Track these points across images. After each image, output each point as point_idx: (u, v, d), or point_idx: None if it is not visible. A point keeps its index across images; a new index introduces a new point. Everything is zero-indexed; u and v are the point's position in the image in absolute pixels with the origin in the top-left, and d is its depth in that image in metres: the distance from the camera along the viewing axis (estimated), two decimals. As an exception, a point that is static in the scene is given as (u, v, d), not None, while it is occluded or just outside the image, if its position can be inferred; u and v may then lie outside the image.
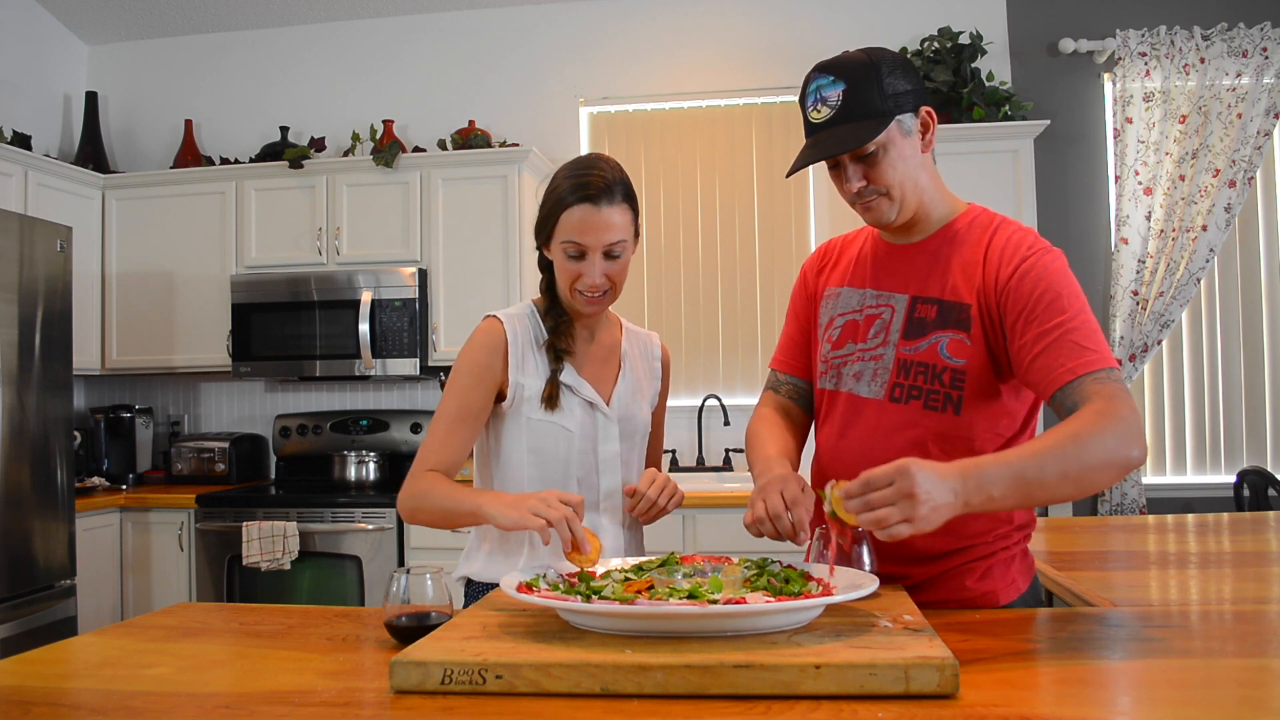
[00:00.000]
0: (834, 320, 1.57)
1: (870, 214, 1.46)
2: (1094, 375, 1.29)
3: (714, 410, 4.02)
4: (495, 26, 4.29)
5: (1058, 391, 1.31)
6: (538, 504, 1.39)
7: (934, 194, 1.48)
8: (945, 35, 3.83)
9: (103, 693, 1.12)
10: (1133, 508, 3.70)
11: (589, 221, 1.55)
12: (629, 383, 1.73)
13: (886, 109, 1.38)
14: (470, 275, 3.87)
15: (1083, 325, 1.33)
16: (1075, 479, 1.22)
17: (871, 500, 1.14)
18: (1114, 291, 3.76)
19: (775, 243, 4.11)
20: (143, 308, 4.10)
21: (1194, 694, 1.04)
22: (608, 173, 1.57)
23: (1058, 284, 1.36)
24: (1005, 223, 1.46)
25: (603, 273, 1.58)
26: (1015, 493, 1.20)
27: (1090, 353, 1.30)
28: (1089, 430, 1.23)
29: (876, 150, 1.39)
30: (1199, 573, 1.99)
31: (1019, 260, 1.39)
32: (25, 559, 3.13)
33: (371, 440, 4.13)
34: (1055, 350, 1.32)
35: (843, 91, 1.38)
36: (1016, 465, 1.20)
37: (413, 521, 1.61)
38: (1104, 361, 1.30)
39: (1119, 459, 1.23)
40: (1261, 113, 3.65)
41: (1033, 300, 1.35)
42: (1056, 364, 1.31)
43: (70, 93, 4.45)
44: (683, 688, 1.00)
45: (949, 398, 1.42)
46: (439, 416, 1.61)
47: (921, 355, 1.44)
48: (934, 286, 1.46)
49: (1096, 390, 1.27)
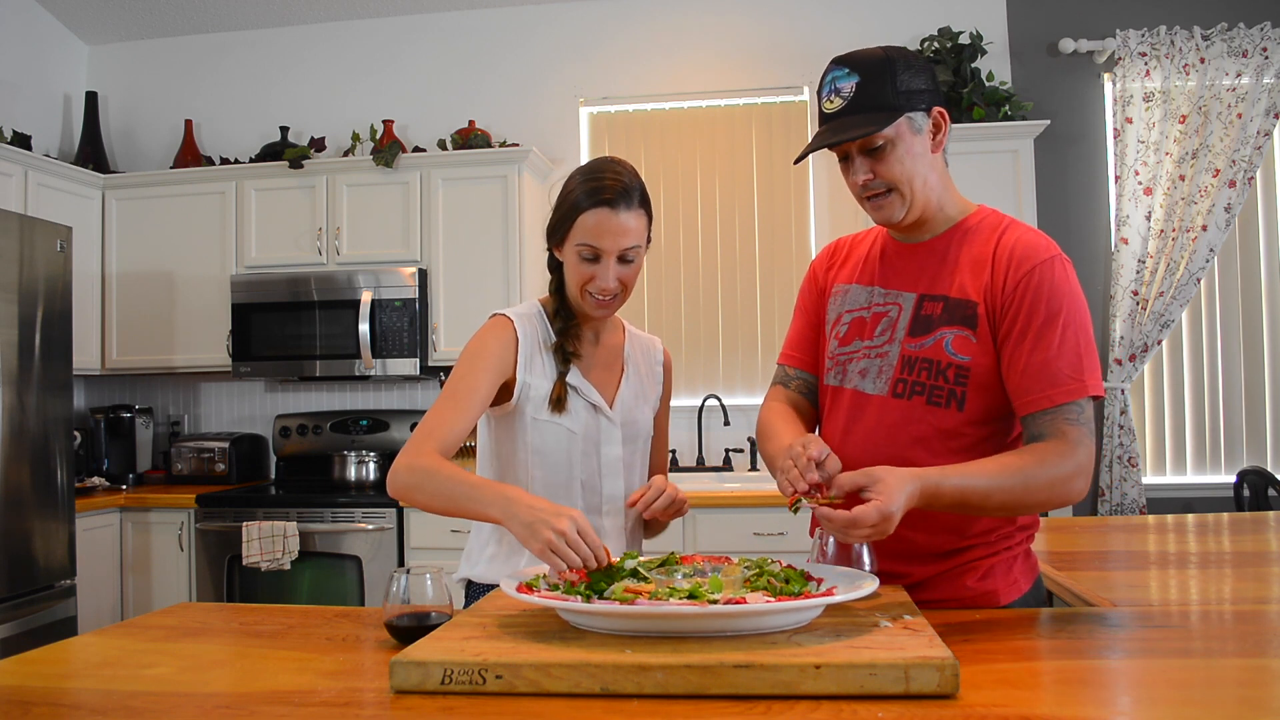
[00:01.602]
0: (841, 317, 1.57)
1: (880, 212, 1.47)
2: (1066, 411, 1.35)
3: (714, 410, 4.02)
4: (495, 26, 4.29)
5: (1027, 416, 1.38)
6: (556, 541, 1.28)
7: (944, 194, 1.49)
8: (945, 35, 3.83)
9: (103, 693, 1.11)
10: (1133, 508, 3.70)
11: (605, 226, 1.54)
12: (632, 386, 1.72)
13: (898, 104, 1.39)
14: (470, 275, 3.87)
15: (1073, 349, 1.36)
16: (1012, 509, 1.38)
17: (851, 535, 1.25)
18: (1114, 291, 3.76)
19: (775, 243, 4.11)
20: (143, 308, 4.10)
21: (1194, 694, 1.04)
22: (625, 177, 1.57)
23: (1060, 299, 1.38)
24: (1014, 224, 1.48)
25: (616, 276, 1.57)
26: (955, 510, 1.34)
27: (1071, 382, 1.35)
28: (1042, 473, 1.33)
29: (884, 144, 1.40)
30: (1199, 573, 1.99)
31: (1029, 267, 1.39)
32: (25, 559, 3.13)
33: (371, 440, 4.13)
34: (1040, 373, 1.36)
35: (856, 84, 1.40)
36: (969, 492, 1.31)
37: (405, 499, 1.49)
38: (1083, 391, 1.36)
39: (1058, 500, 1.35)
40: (1261, 113, 3.65)
41: (1033, 313, 1.37)
42: (1036, 387, 1.37)
43: (70, 93, 4.45)
44: (683, 688, 1.00)
45: (953, 394, 1.42)
46: (445, 394, 1.56)
47: (927, 351, 1.44)
48: (941, 284, 1.46)
49: (1063, 431, 1.35)
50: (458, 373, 1.58)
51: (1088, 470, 1.35)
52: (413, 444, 1.50)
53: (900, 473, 1.26)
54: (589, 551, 1.27)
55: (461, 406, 1.54)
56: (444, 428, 1.51)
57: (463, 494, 1.43)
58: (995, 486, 1.31)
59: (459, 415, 1.53)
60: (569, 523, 1.29)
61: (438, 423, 1.52)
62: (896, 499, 1.22)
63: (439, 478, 1.45)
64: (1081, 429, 1.35)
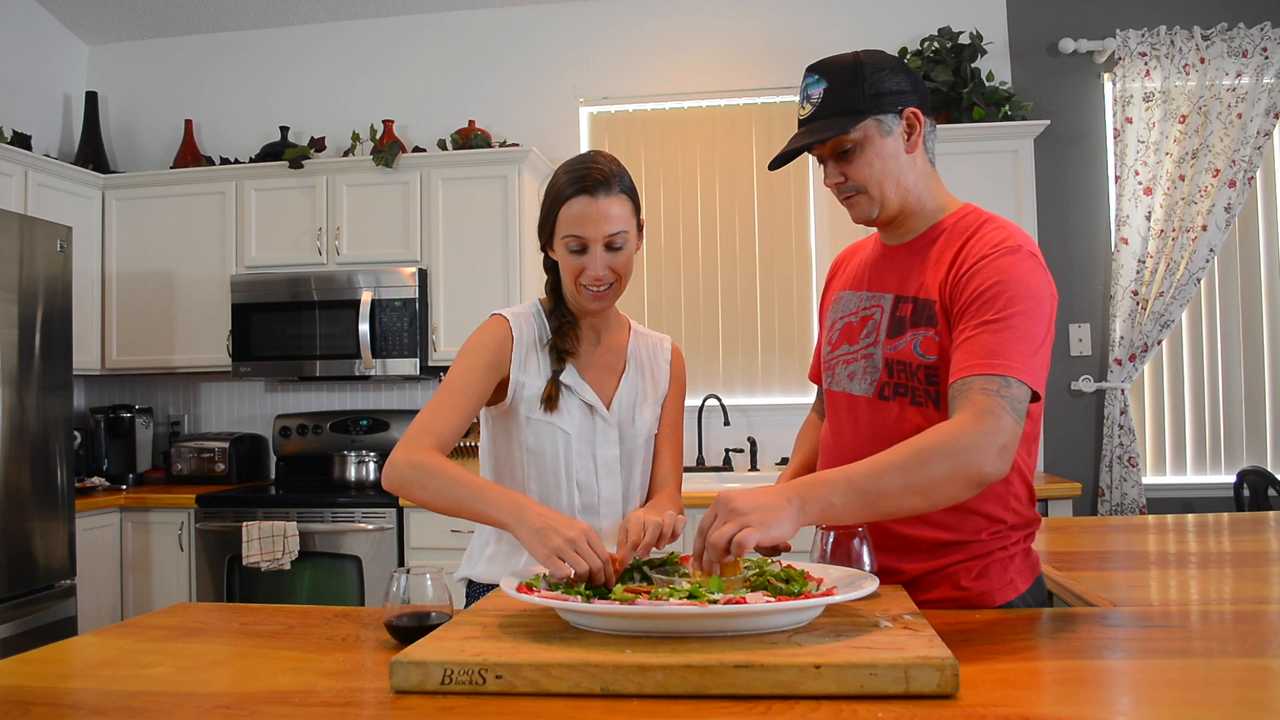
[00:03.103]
0: (834, 323, 1.60)
1: (853, 210, 1.50)
2: (986, 380, 1.26)
3: (714, 410, 4.02)
4: (495, 26, 4.29)
5: (950, 386, 1.31)
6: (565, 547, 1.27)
7: (923, 194, 1.48)
8: (945, 35, 3.83)
9: (103, 693, 1.11)
10: (1133, 508, 3.70)
11: (588, 213, 1.55)
12: (631, 386, 1.71)
13: (863, 107, 1.41)
14: (470, 275, 3.87)
15: (1010, 329, 1.29)
16: (920, 491, 1.23)
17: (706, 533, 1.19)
18: (1114, 291, 3.76)
19: (775, 243, 4.11)
20: (143, 308, 4.11)
21: (1194, 694, 1.04)
22: (604, 165, 1.58)
23: (1006, 283, 1.32)
24: (990, 221, 1.44)
25: (606, 265, 1.57)
26: (855, 501, 1.22)
27: (998, 358, 1.27)
28: (938, 443, 1.23)
29: (853, 147, 1.43)
30: (1199, 573, 1.99)
31: (979, 256, 1.38)
32: (25, 559, 3.13)
33: (371, 440, 4.13)
34: (968, 346, 1.31)
35: (824, 90, 1.43)
36: (855, 476, 1.23)
37: (402, 493, 1.47)
38: (1007, 369, 1.26)
39: (966, 474, 1.23)
40: (1261, 113, 3.65)
41: (975, 295, 1.35)
42: (962, 360, 1.31)
43: (70, 93, 4.45)
44: (683, 688, 1.00)
45: (928, 394, 1.43)
46: (441, 390, 1.56)
47: (900, 354, 1.45)
48: (912, 285, 1.47)
49: (977, 401, 1.25)
50: (454, 370, 1.58)
51: (999, 443, 1.23)
52: (410, 438, 1.50)
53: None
54: (597, 561, 1.26)
55: (457, 403, 1.54)
56: (440, 423, 1.51)
57: (468, 495, 1.43)
58: (885, 465, 1.23)
59: (454, 411, 1.53)
60: (580, 533, 1.29)
61: (434, 418, 1.52)
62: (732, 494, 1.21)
63: (442, 477, 1.45)
64: (999, 400, 1.24)
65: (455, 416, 1.53)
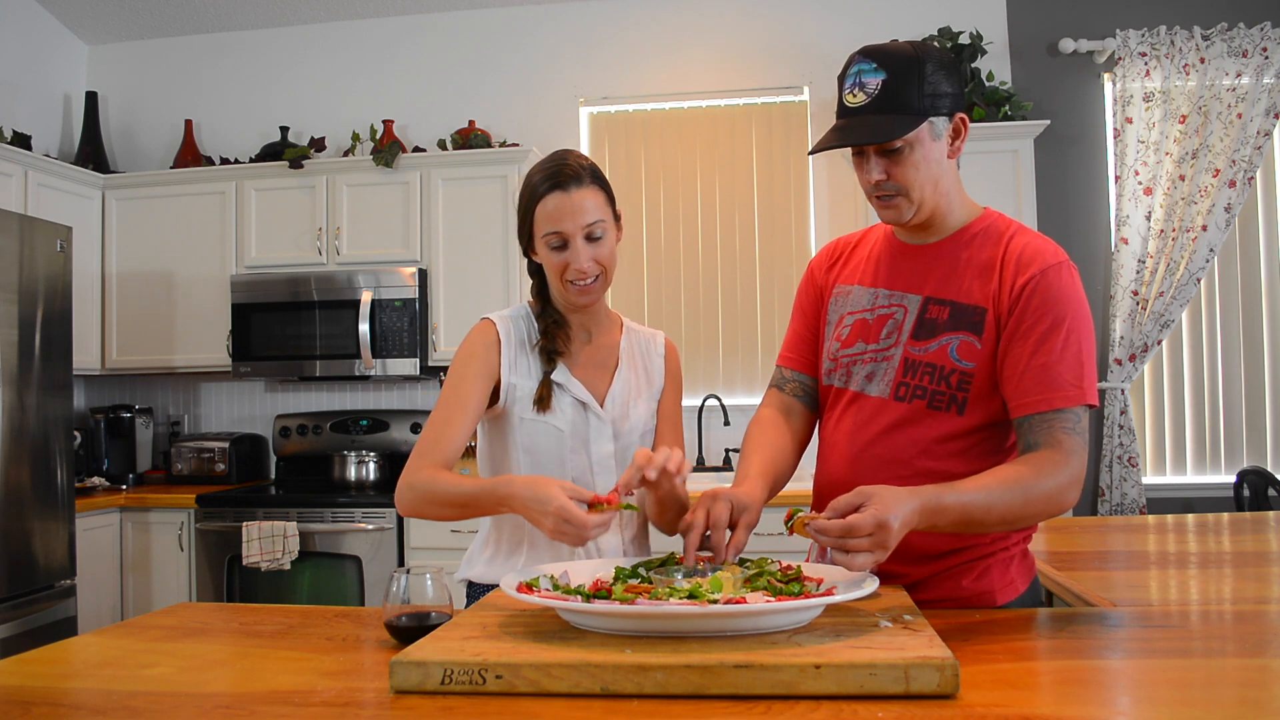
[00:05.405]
0: (844, 318, 1.56)
1: (888, 212, 1.45)
2: (1063, 418, 1.34)
3: (714, 410, 4.02)
4: (495, 26, 4.29)
5: (1024, 418, 1.37)
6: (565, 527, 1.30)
7: (954, 198, 1.47)
8: (945, 35, 3.83)
9: (103, 693, 1.11)
10: (1133, 508, 3.70)
11: (563, 207, 1.57)
12: (624, 382, 1.71)
13: (922, 107, 1.37)
14: (470, 275, 3.87)
15: (1075, 357, 1.36)
16: (1011, 522, 1.35)
17: (849, 545, 1.19)
18: (1114, 291, 3.76)
19: (775, 243, 4.11)
20: (143, 308, 4.11)
21: (1194, 694, 1.04)
22: (573, 160, 1.61)
23: (1066, 305, 1.37)
24: (1022, 228, 1.47)
25: (589, 257, 1.58)
26: (957, 527, 1.31)
27: (1070, 389, 1.35)
28: (1039, 486, 1.32)
29: (903, 147, 1.38)
30: (1199, 573, 1.99)
31: (1036, 270, 1.39)
32: (25, 559, 3.13)
33: (371, 440, 4.13)
34: (1039, 376, 1.35)
35: (883, 81, 1.36)
36: (972, 508, 1.29)
37: (415, 514, 1.53)
38: (1080, 399, 1.35)
39: (1054, 510, 1.35)
40: (1261, 113, 3.65)
41: (1038, 317, 1.37)
42: (1034, 390, 1.36)
43: (70, 93, 4.45)
44: (683, 688, 1.00)
45: (954, 399, 1.42)
46: (436, 411, 1.59)
47: (930, 356, 1.43)
48: (949, 289, 1.45)
49: (1059, 440, 1.34)
50: (448, 383, 1.61)
51: (1081, 480, 1.35)
52: (412, 463, 1.54)
53: (898, 490, 1.23)
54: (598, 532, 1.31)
55: (454, 419, 1.57)
56: (441, 442, 1.55)
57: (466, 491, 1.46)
58: (996, 501, 1.29)
59: (453, 427, 1.56)
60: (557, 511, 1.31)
61: (434, 438, 1.55)
62: (894, 509, 1.19)
63: (440, 485, 1.49)
64: (1077, 439, 1.34)
65: (454, 435, 1.56)
